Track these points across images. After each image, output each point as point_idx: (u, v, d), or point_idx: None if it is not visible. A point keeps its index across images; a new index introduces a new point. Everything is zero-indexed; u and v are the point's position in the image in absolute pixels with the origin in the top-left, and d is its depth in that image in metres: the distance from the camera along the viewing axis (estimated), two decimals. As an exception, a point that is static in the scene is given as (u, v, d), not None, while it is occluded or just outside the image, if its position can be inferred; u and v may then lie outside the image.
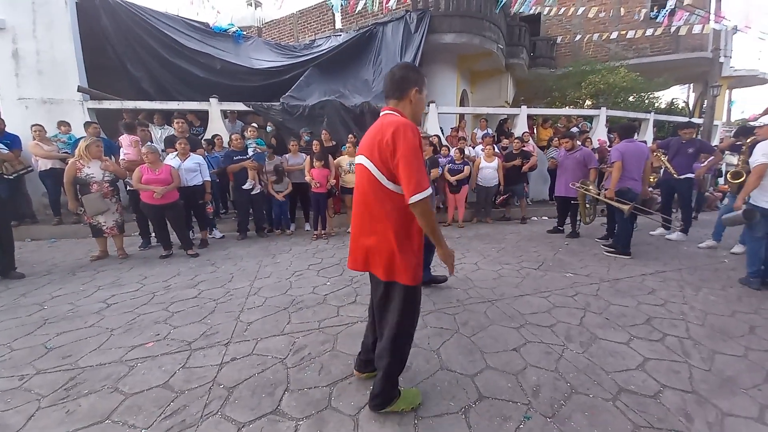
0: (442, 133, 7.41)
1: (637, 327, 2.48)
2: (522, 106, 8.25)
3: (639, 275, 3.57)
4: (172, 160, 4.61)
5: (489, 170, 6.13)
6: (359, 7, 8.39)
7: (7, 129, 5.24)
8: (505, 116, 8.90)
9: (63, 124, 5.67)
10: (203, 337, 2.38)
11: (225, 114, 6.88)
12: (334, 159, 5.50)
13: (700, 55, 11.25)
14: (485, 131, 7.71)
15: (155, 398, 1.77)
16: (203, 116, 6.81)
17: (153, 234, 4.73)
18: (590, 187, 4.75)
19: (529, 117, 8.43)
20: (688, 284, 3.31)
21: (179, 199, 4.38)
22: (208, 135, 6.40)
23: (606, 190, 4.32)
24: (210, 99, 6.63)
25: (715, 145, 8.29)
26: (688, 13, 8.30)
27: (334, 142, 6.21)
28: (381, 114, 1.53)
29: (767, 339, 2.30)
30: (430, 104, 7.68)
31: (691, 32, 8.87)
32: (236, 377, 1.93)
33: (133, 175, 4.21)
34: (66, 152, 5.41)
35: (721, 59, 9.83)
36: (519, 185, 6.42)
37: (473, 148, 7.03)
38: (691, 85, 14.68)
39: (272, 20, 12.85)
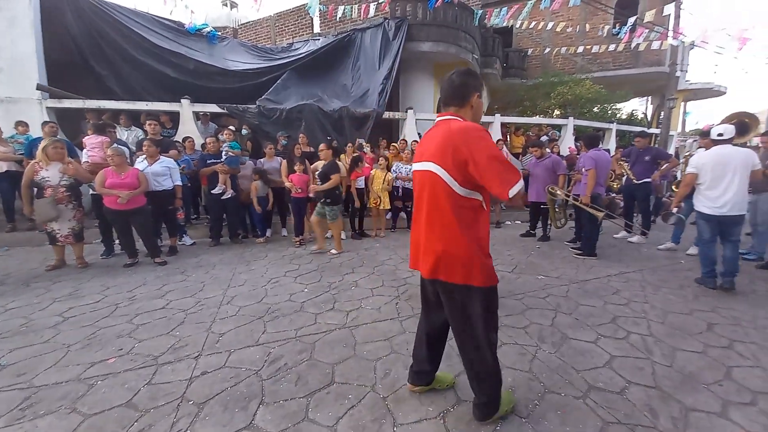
0: (420, 138, 7.52)
1: (604, 326, 2.60)
2: (496, 115, 8.53)
3: (605, 276, 3.75)
4: (140, 163, 4.39)
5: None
6: (339, 15, 8.41)
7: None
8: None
9: (21, 124, 5.29)
10: (171, 350, 2.26)
11: (197, 116, 6.66)
12: (311, 164, 5.44)
13: (658, 70, 12.10)
14: (461, 138, 7.89)
15: (117, 418, 1.65)
16: (175, 118, 6.55)
17: (117, 241, 4.48)
18: (558, 192, 4.96)
19: (503, 125, 8.72)
20: (649, 284, 3.51)
21: (146, 204, 4.17)
22: (179, 137, 6.16)
23: (578, 195, 4.53)
24: (181, 100, 6.39)
25: (670, 153, 8.92)
26: (647, 30, 8.90)
27: (311, 148, 6.14)
28: (441, 119, 1.51)
29: (725, 336, 2.45)
30: (408, 110, 7.79)
31: (650, 48, 9.52)
32: (207, 392, 1.84)
33: (96, 178, 3.97)
34: (21, 154, 5.04)
35: (678, 73, 10.58)
36: (494, 191, 6.59)
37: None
38: (650, 97, 15.74)
39: (248, 22, 12.63)
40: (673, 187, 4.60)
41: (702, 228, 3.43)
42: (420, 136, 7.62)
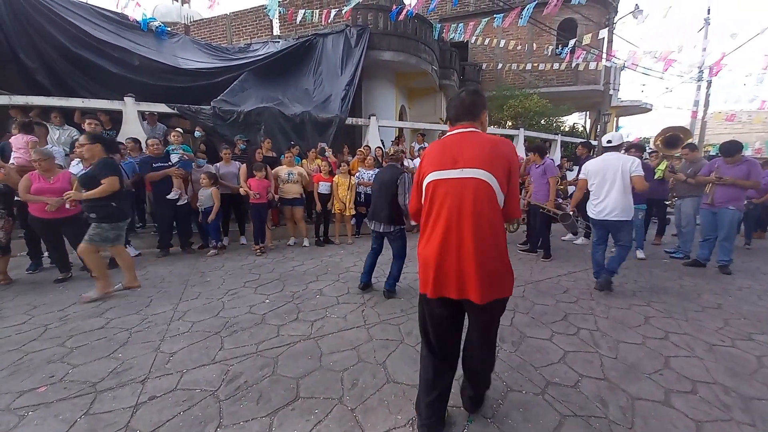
0: (383, 146, 7.60)
1: (557, 323, 2.78)
2: (455, 124, 8.87)
3: (556, 276, 4.02)
4: (75, 166, 3.95)
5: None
6: (299, 19, 8.29)
7: None
8: (441, 132, 9.49)
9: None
10: (113, 375, 2.03)
11: (143, 116, 6.15)
12: (273, 169, 5.25)
13: (594, 88, 13.43)
14: (421, 145, 8.09)
15: (45, 458, 1.44)
16: (116, 117, 5.98)
17: (46, 254, 3.97)
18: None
19: (461, 134, 9.08)
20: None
21: (81, 212, 3.74)
22: (121, 138, 5.63)
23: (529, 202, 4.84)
24: (125, 98, 5.87)
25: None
26: (585, 52, 9.84)
27: (273, 153, 5.94)
28: (464, 130, 1.49)
29: (660, 328, 2.71)
30: (371, 117, 7.84)
31: (587, 68, 10.53)
32: (156, 419, 1.67)
33: (19, 183, 3.48)
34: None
35: (611, 92, 11.83)
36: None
37: (412, 160, 7.32)
38: (588, 112, 17.39)
39: (202, 19, 11.99)
40: None
41: (593, 231, 3.73)
42: (383, 143, 7.71)
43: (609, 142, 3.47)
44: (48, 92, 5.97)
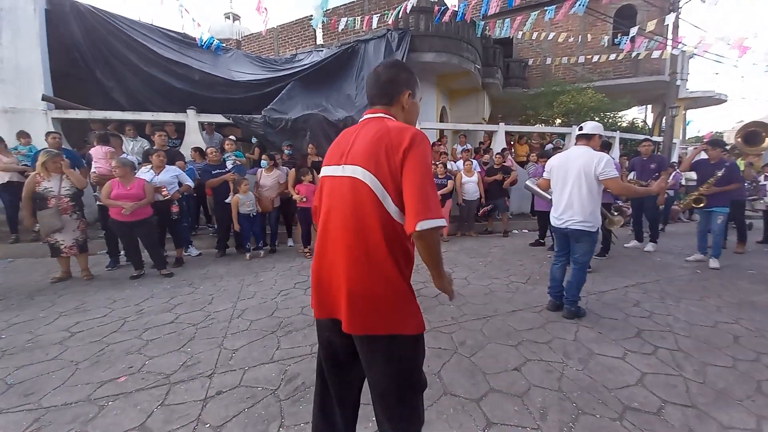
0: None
1: (630, 340, 2.52)
2: (500, 123, 8.55)
3: (622, 287, 3.67)
4: (146, 173, 4.35)
5: (470, 184, 6.25)
6: (341, 27, 8.51)
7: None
8: (484, 132, 9.19)
9: (22, 135, 5.26)
10: (183, 368, 2.18)
11: (203, 126, 6.66)
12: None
13: (658, 79, 12.21)
14: (464, 146, 7.89)
15: (131, 443, 1.57)
16: (180, 128, 6.55)
17: (122, 252, 4.41)
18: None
19: (507, 134, 8.73)
20: (669, 295, 3.43)
21: (152, 215, 4.11)
22: (184, 147, 6.15)
23: None
24: (187, 110, 6.39)
25: (674, 162, 8.93)
26: (647, 40, 8.99)
27: (319, 157, 6.13)
28: (371, 116, 1.17)
29: (752, 349, 2.37)
30: (413, 120, 7.80)
31: (649, 57, 9.61)
32: (223, 414, 1.75)
33: (102, 189, 3.92)
34: (26, 165, 5.01)
35: (678, 82, 10.66)
36: (500, 199, 6.56)
37: (455, 162, 7.16)
38: (650, 105, 15.86)
39: (252, 33, 12.77)
40: (693, 202, 4.49)
41: (555, 239, 3.16)
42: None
43: (581, 129, 2.87)
44: (123, 108, 6.68)
